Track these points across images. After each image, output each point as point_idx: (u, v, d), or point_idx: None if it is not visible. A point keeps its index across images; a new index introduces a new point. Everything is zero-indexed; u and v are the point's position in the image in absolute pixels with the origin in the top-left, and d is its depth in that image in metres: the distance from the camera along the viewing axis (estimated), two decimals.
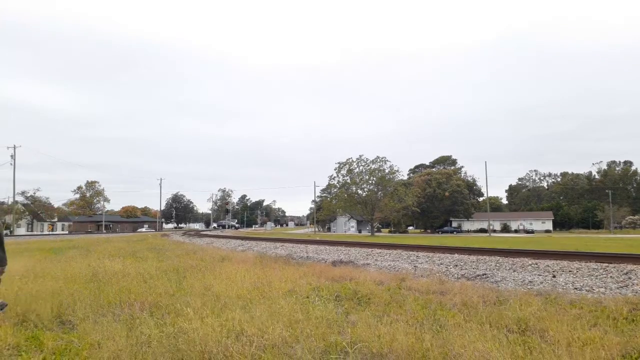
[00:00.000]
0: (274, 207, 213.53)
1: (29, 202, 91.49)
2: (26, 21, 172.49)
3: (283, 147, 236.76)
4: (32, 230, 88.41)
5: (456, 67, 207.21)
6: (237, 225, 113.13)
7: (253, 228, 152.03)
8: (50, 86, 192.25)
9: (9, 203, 74.73)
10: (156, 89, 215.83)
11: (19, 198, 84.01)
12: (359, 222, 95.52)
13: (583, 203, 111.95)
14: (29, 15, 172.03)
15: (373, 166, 72.71)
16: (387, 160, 72.99)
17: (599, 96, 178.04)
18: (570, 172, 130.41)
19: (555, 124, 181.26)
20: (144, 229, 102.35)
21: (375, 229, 79.42)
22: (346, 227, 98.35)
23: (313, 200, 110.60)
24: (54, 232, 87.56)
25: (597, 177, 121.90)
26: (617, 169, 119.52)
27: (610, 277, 9.77)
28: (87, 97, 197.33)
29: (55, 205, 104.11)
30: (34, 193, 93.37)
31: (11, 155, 66.88)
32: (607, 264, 11.09)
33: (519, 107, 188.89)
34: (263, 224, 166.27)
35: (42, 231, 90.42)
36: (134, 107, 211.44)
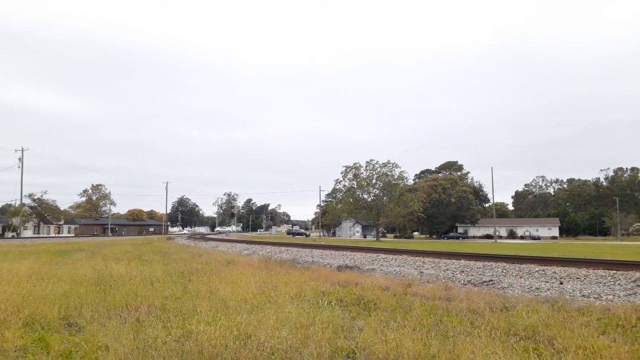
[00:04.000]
0: (279, 211, 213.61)
1: (36, 204, 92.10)
2: (29, 27, 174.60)
3: (288, 151, 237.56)
4: (38, 233, 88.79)
5: (455, 70, 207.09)
6: (307, 233, 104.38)
7: (258, 232, 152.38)
8: (59, 91, 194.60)
9: (17, 205, 75.24)
10: (161, 93, 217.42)
11: (26, 200, 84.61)
12: (364, 227, 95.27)
13: (590, 210, 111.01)
14: (32, 21, 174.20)
15: (383, 170, 72.29)
16: (398, 166, 72.70)
17: (601, 101, 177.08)
18: (577, 178, 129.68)
19: (562, 129, 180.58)
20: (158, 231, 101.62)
21: (381, 234, 79.10)
22: (351, 231, 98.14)
23: (318, 205, 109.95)
24: (60, 235, 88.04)
25: (604, 183, 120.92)
26: (625, 175, 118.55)
27: (619, 284, 9.69)
28: (95, 102, 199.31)
29: (62, 208, 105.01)
30: (41, 196, 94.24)
31: (19, 158, 67.40)
32: (614, 271, 11.00)
33: (524, 112, 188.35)
34: (268, 227, 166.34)
35: (49, 234, 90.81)
36: (140, 111, 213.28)
